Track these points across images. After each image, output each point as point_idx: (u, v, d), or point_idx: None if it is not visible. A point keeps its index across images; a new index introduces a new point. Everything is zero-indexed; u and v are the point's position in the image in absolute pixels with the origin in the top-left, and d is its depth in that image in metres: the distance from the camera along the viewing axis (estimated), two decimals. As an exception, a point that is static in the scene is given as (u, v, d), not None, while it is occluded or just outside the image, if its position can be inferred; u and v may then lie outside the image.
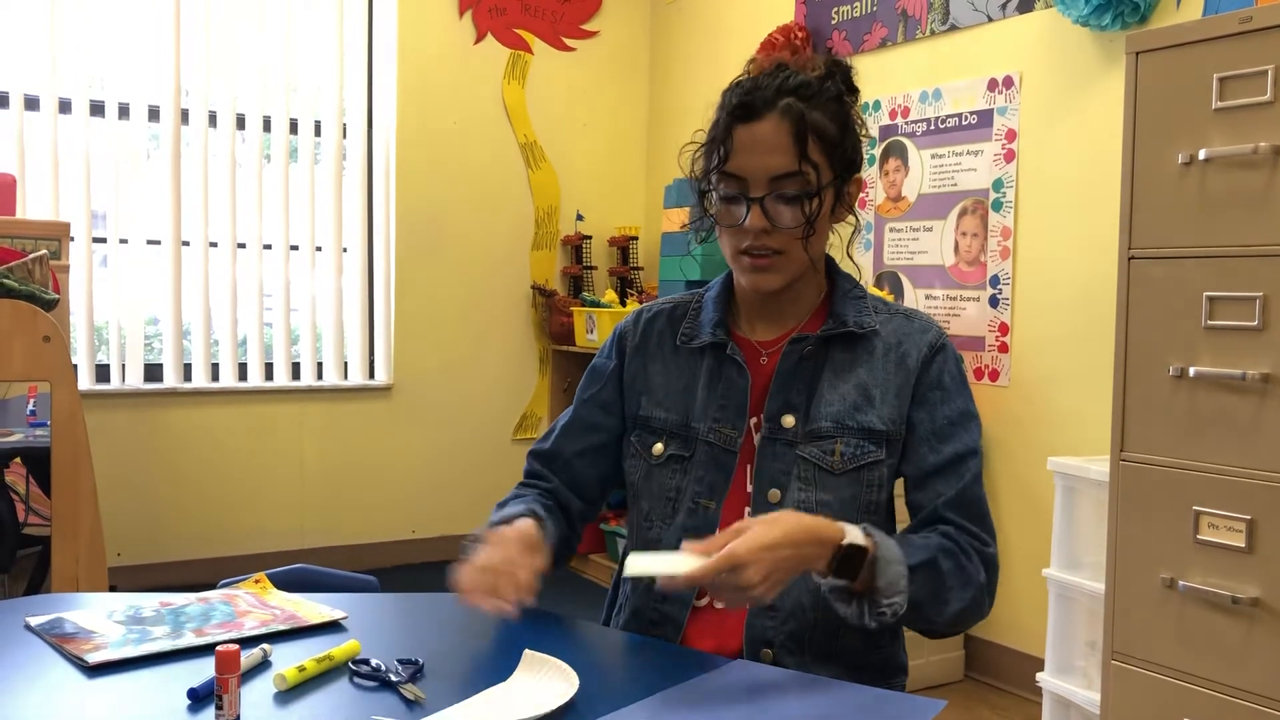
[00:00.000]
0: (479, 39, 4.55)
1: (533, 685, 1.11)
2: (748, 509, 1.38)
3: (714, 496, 1.39)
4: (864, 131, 1.41)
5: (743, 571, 1.14)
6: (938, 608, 1.29)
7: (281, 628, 1.29)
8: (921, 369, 1.38)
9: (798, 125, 1.31)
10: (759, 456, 1.38)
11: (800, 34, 3.89)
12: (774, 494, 1.37)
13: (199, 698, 1.07)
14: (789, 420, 1.37)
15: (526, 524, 1.37)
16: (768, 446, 1.38)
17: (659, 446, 1.43)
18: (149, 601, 1.36)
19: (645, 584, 1.39)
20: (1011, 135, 3.21)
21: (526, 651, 1.17)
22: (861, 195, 1.44)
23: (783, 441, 1.37)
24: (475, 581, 1.26)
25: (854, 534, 1.22)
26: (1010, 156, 3.21)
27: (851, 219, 1.44)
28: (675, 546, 1.35)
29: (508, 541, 1.32)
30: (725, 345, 1.42)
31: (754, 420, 1.40)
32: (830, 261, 1.47)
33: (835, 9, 3.82)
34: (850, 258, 1.49)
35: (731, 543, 1.16)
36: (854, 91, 1.40)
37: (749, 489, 1.39)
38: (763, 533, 1.17)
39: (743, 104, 1.33)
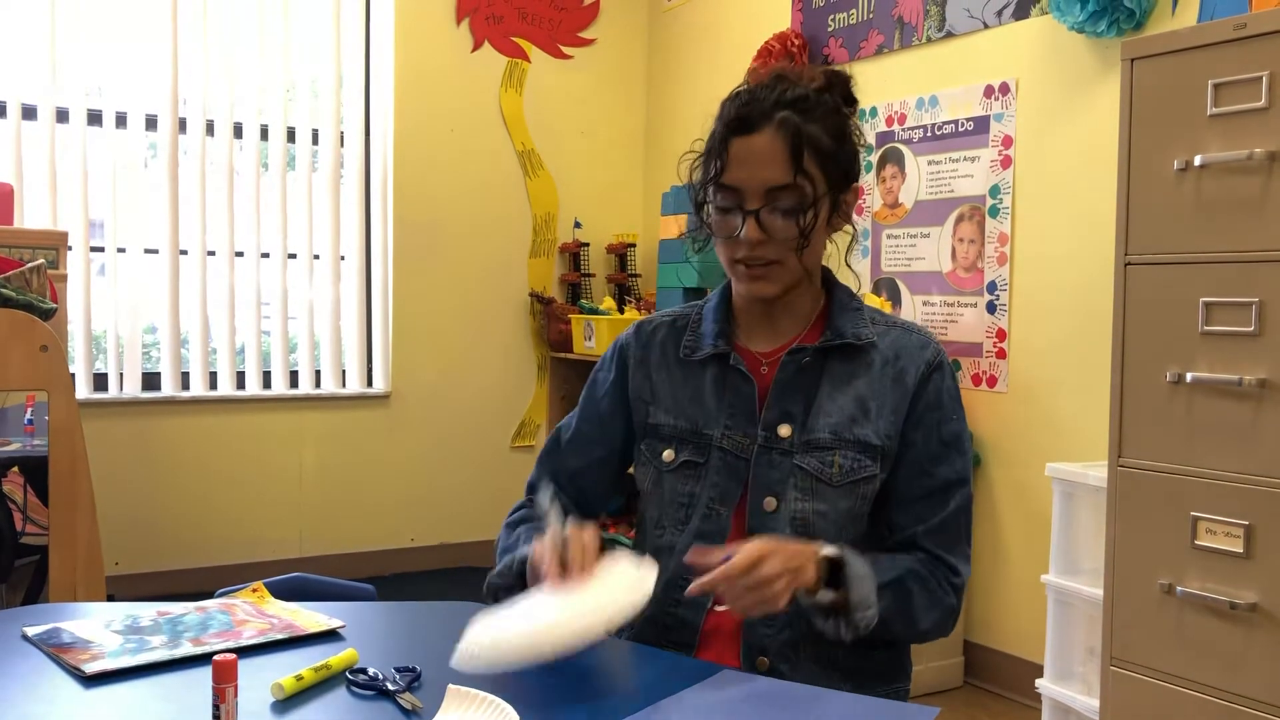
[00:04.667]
0: (476, 47, 4.56)
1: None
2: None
3: (726, 503, 1.40)
4: (861, 141, 1.43)
5: (764, 564, 1.19)
6: (906, 625, 1.35)
7: (279, 637, 1.29)
8: (919, 387, 1.40)
9: (793, 139, 1.32)
10: (755, 465, 1.39)
11: (797, 41, 3.89)
12: (769, 502, 1.38)
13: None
14: (785, 430, 1.39)
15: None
16: (764, 455, 1.39)
17: (669, 453, 1.44)
18: (146, 611, 1.36)
19: (658, 592, 1.38)
20: (1008, 141, 3.21)
21: (450, 687, 1.10)
22: (859, 203, 1.44)
23: (779, 450, 1.39)
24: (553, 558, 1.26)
25: (827, 547, 1.28)
26: (1007, 163, 3.22)
27: (848, 228, 1.45)
28: (687, 552, 1.36)
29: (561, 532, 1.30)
30: (728, 356, 1.43)
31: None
32: (827, 272, 1.48)
33: (832, 17, 3.83)
34: (848, 266, 1.50)
35: (747, 544, 1.21)
36: (852, 103, 1.42)
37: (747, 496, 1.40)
38: (763, 541, 1.23)
39: (739, 117, 1.35)
